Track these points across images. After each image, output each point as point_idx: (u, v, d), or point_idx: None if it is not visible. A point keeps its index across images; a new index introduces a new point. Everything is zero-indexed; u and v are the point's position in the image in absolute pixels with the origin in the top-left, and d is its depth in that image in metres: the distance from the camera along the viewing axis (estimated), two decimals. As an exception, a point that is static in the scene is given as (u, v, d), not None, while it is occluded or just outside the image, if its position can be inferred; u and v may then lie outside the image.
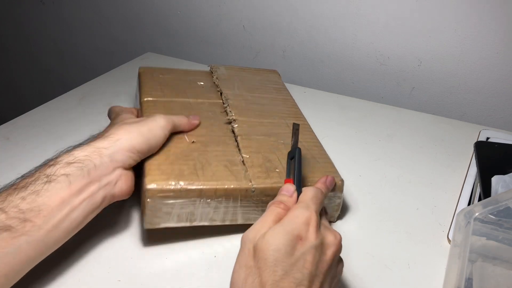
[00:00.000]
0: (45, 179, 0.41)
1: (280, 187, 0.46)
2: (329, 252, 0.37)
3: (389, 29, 0.82)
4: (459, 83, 0.81)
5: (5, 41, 1.40)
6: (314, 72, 0.94)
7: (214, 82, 0.68)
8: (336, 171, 0.53)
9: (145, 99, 0.61)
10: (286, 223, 0.37)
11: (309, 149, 0.56)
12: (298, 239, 0.36)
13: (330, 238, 0.38)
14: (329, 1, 0.85)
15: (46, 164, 0.43)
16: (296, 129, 0.50)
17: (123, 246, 0.50)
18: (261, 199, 0.49)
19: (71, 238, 0.46)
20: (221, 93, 0.65)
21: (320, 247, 0.36)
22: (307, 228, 0.37)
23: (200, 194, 0.46)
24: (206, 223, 0.49)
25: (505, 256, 0.41)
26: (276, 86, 0.71)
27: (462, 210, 0.43)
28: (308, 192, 0.41)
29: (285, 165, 0.51)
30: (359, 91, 0.91)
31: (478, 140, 0.67)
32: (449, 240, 0.51)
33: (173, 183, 0.46)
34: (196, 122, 0.55)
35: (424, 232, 0.53)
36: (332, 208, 0.52)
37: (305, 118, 0.63)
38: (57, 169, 0.41)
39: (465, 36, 0.77)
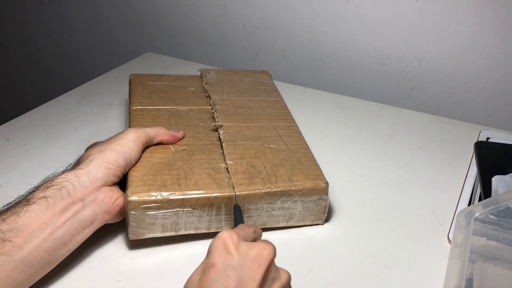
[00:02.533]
0: (25, 202, 0.41)
1: (265, 192, 0.48)
2: (254, 267, 0.34)
3: (389, 29, 0.82)
4: (459, 83, 0.81)
5: (5, 41, 1.40)
6: (314, 72, 0.94)
7: (204, 87, 0.68)
8: (320, 174, 0.52)
9: (133, 107, 0.62)
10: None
11: (295, 152, 0.55)
12: (211, 266, 0.34)
13: (255, 252, 0.35)
14: (329, 1, 0.85)
15: (28, 191, 0.44)
16: (237, 211, 0.48)
17: (123, 246, 0.50)
18: (244, 205, 0.49)
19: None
20: (210, 99, 0.65)
21: (242, 265, 0.34)
22: (223, 251, 0.34)
23: (182, 203, 0.47)
24: (191, 232, 0.49)
25: (506, 256, 0.41)
26: (266, 87, 0.71)
27: (463, 210, 0.43)
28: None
29: (269, 169, 0.52)
30: (359, 91, 0.91)
31: (478, 140, 0.67)
32: (449, 240, 0.51)
33: (154, 194, 0.46)
34: (178, 135, 0.55)
35: (424, 232, 0.53)
36: (318, 211, 0.52)
37: (294, 120, 0.62)
38: (37, 193, 0.42)
39: (465, 36, 0.77)
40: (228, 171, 0.51)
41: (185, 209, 0.47)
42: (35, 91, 1.46)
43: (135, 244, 0.50)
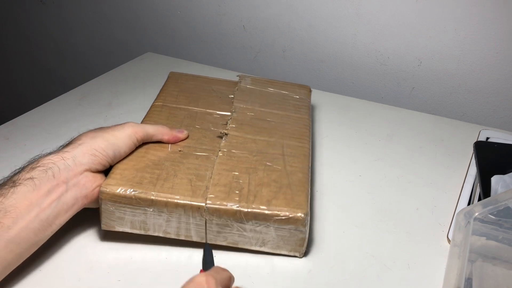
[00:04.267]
0: (11, 184, 0.42)
1: (236, 210, 0.46)
2: None
3: (389, 29, 0.82)
4: (459, 83, 0.81)
5: (5, 41, 1.40)
6: (314, 72, 0.94)
7: (233, 94, 0.67)
8: (303, 203, 0.47)
9: (155, 103, 0.63)
10: None
11: (290, 174, 0.51)
12: None
13: None
14: (329, 1, 0.85)
15: (13, 172, 0.44)
16: (207, 251, 0.43)
17: (123, 246, 0.50)
18: (213, 219, 0.47)
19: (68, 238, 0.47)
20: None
21: None
22: None
23: (151, 204, 0.47)
24: (160, 235, 0.49)
25: (505, 256, 0.41)
26: (297, 103, 0.67)
27: (462, 210, 0.43)
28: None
29: (252, 187, 0.49)
30: (359, 91, 0.91)
31: (478, 140, 0.67)
32: (449, 240, 0.51)
33: (126, 189, 0.46)
34: (180, 135, 0.55)
35: (424, 232, 0.53)
36: (294, 242, 0.48)
37: (308, 141, 0.58)
38: (22, 174, 0.43)
39: (465, 36, 0.77)
40: (210, 181, 0.49)
41: (153, 210, 0.47)
42: (35, 91, 1.46)
43: (135, 244, 0.50)
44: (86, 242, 0.50)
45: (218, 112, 0.62)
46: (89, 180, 0.46)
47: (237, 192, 0.48)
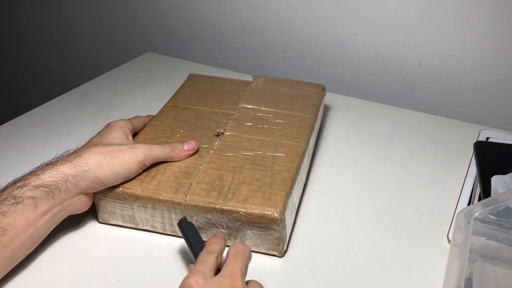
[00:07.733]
0: (12, 201, 0.43)
1: (212, 207, 0.47)
2: None
3: (389, 29, 0.82)
4: (459, 83, 0.81)
5: (5, 41, 1.40)
6: (314, 72, 0.94)
7: (243, 94, 0.67)
8: (280, 203, 0.47)
9: (167, 104, 0.64)
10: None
11: (275, 174, 0.51)
12: None
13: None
14: (329, 1, 0.85)
15: (14, 184, 0.45)
16: (182, 228, 0.45)
17: (123, 247, 0.50)
18: (192, 216, 0.48)
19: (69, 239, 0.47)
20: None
21: None
22: None
23: (137, 199, 0.48)
24: (149, 229, 0.51)
25: (505, 256, 0.42)
26: (307, 102, 0.66)
27: (462, 210, 0.43)
28: (235, 261, 0.39)
29: (233, 186, 0.49)
30: (359, 91, 0.91)
31: (478, 140, 0.67)
32: (449, 240, 0.51)
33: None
34: (190, 152, 0.53)
35: (424, 232, 0.53)
36: (271, 241, 0.48)
37: (306, 141, 0.57)
38: (24, 192, 0.43)
39: (465, 36, 0.77)
40: (195, 179, 0.50)
41: (139, 205, 0.49)
42: (35, 91, 1.46)
43: (135, 244, 0.50)
44: (86, 242, 0.50)
45: (223, 111, 0.63)
46: (82, 201, 0.48)
47: (217, 190, 0.49)
